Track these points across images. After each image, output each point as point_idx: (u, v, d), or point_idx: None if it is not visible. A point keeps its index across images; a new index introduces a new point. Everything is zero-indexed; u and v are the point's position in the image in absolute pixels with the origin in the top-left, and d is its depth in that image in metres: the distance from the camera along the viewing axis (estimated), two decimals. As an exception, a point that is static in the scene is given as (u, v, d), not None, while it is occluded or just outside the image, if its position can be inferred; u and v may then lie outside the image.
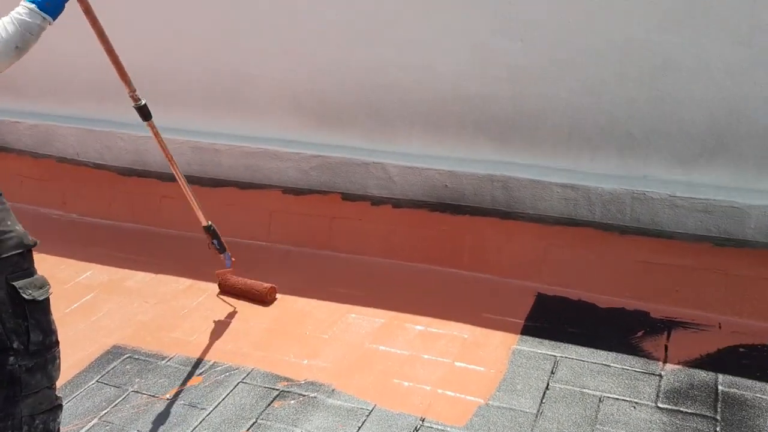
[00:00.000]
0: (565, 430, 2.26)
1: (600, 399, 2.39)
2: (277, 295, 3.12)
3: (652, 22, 2.70)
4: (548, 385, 2.47)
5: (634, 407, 2.34)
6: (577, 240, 3.03)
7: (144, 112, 2.74)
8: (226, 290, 3.18)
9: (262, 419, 2.39)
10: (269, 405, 2.45)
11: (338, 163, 3.37)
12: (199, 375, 2.64)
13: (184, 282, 3.27)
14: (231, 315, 3.02)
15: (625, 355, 2.60)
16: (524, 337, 2.74)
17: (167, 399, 2.52)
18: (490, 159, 3.16)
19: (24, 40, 2.01)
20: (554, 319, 2.83)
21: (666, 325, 2.75)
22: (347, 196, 3.41)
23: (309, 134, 3.48)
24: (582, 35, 2.81)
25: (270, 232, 3.54)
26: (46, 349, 1.99)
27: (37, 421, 1.98)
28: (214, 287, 3.22)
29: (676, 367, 2.52)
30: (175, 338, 2.88)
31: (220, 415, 2.42)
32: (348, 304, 3.02)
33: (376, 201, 3.36)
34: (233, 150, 3.59)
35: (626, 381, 2.46)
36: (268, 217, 3.57)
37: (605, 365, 2.55)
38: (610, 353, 2.61)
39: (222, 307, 3.08)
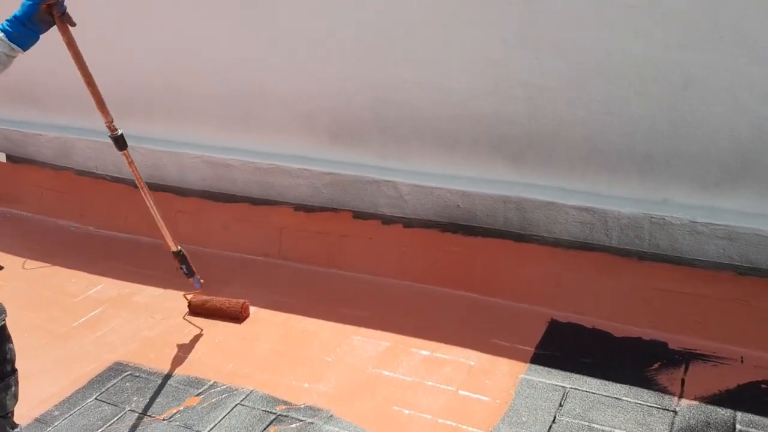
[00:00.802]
0: (570, 467, 2.16)
1: (609, 435, 2.27)
2: (284, 314, 3.06)
3: (673, 40, 2.58)
4: (555, 418, 2.36)
5: (645, 445, 2.22)
6: (592, 265, 2.91)
7: (120, 143, 2.73)
8: (197, 311, 3.12)
9: (256, 444, 2.33)
10: (264, 429, 2.39)
11: (350, 181, 3.31)
12: (197, 395, 2.60)
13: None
14: (235, 334, 2.97)
15: (638, 389, 2.47)
16: (533, 365, 2.63)
17: (163, 420, 2.47)
18: (504, 179, 3.07)
19: None
20: (566, 348, 2.72)
21: (684, 358, 2.61)
22: (358, 215, 3.35)
23: (321, 151, 3.43)
24: (600, 53, 2.71)
25: (281, 248, 3.50)
26: None
27: None
28: (221, 304, 3.18)
29: (693, 402, 2.39)
30: (177, 356, 2.84)
31: (215, 439, 2.37)
32: (354, 325, 2.95)
33: (387, 220, 3.29)
34: (246, 166, 3.57)
35: (638, 416, 2.34)
36: (278, 233, 3.53)
37: (617, 398, 2.43)
38: (623, 386, 2.49)
39: (227, 325, 3.03)
